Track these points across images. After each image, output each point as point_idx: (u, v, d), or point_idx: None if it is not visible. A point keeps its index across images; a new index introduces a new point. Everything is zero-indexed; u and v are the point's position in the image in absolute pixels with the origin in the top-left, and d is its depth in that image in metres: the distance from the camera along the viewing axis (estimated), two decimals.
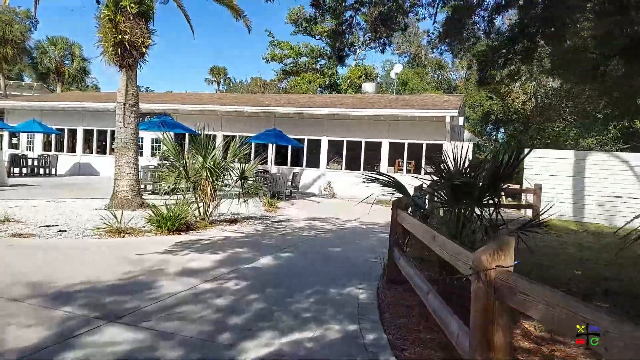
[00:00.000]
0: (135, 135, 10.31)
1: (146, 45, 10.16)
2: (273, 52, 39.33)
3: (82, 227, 7.62)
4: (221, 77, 63.32)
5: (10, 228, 7.11)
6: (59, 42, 33.60)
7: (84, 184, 16.28)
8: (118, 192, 10.03)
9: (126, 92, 10.19)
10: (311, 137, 18.36)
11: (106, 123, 21.41)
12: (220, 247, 6.69)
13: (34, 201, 10.59)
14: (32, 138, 22.47)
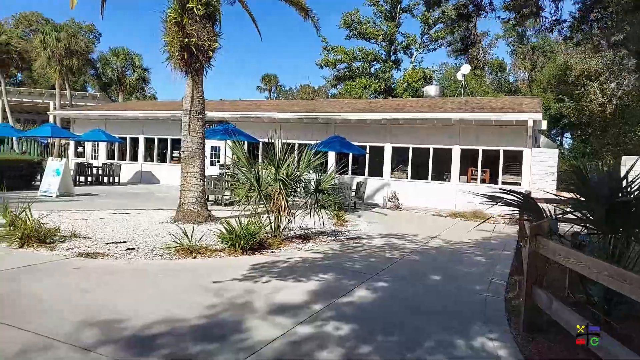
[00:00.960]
0: (202, 144, 9.79)
1: (213, 49, 9.63)
2: (327, 58, 38.75)
3: (151, 244, 7.06)
4: (272, 85, 63.91)
5: (77, 245, 6.65)
6: (120, 53, 34.78)
7: (146, 193, 16.19)
8: (184, 205, 9.52)
9: (192, 99, 9.70)
10: (373, 144, 17.36)
11: (166, 131, 21.53)
12: (302, 272, 5.84)
13: (100, 212, 10.32)
14: (96, 147, 23.01)
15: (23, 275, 4.88)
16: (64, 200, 12.55)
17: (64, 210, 10.36)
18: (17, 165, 14.48)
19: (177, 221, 9.35)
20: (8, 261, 5.45)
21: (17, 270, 5.04)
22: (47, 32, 28.54)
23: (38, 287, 4.51)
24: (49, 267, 5.28)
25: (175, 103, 26.21)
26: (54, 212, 9.79)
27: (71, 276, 5.03)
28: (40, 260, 5.56)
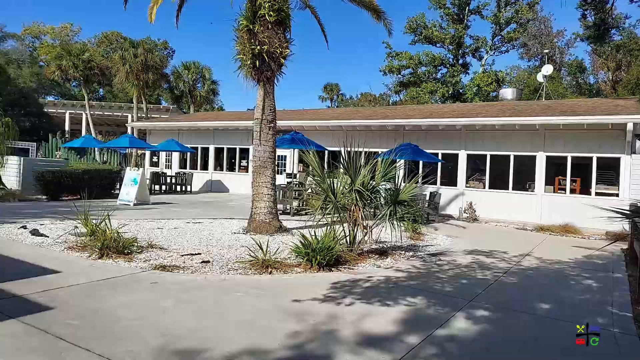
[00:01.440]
0: (273, 153, 9.56)
1: (284, 56, 9.39)
2: (391, 64, 37.94)
3: (225, 256, 6.83)
4: (334, 94, 63.99)
5: (154, 256, 6.56)
6: (191, 67, 36.34)
7: (217, 202, 16.40)
8: (256, 215, 9.31)
9: (263, 108, 9.51)
10: (446, 152, 16.37)
11: (235, 141, 21.91)
12: (387, 293, 5.27)
13: (174, 222, 10.42)
14: (170, 156, 23.96)
15: (101, 291, 4.76)
16: (141, 208, 12.94)
17: (141, 219, 10.58)
18: (99, 174, 15.23)
19: (248, 232, 9.15)
20: (88, 273, 5.40)
21: (96, 285, 4.94)
22: (126, 48, 30.45)
23: (115, 304, 4.33)
24: (127, 282, 5.15)
25: (242, 113, 26.74)
26: (132, 220, 10.01)
27: (149, 292, 4.83)
28: (118, 273, 5.46)
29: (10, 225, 8.66)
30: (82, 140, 20.69)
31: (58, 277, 5.11)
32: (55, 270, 5.36)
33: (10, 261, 5.81)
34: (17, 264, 5.71)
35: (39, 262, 5.78)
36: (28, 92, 36.50)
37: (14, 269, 5.42)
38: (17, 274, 5.09)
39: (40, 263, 5.71)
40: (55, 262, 5.82)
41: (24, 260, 5.82)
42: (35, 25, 52.16)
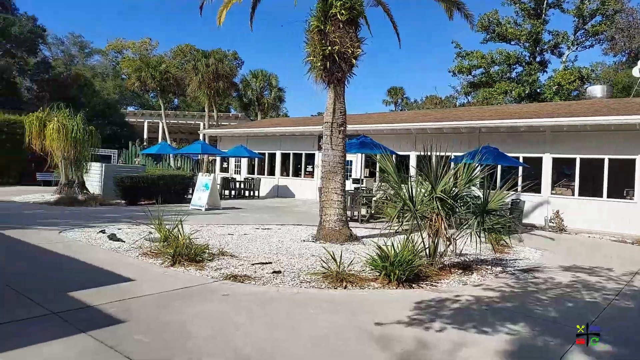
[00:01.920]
0: (343, 158, 9.14)
1: (356, 56, 8.97)
2: (460, 64, 36.25)
3: (296, 266, 6.49)
4: (398, 98, 62.73)
5: (225, 265, 6.37)
6: (259, 75, 37.19)
7: (284, 207, 16.31)
8: (325, 222, 8.93)
9: (333, 111, 9.13)
10: (528, 155, 15.02)
11: (301, 146, 21.86)
12: (481, 318, 4.59)
13: (244, 227, 10.34)
14: (239, 162, 24.47)
15: (173, 302, 4.56)
16: (212, 213, 13.09)
17: (212, 224, 10.63)
18: (173, 180, 15.73)
19: (318, 240, 8.79)
20: (160, 282, 5.27)
21: (167, 295, 4.77)
22: (198, 59, 31.79)
23: (187, 319, 4.09)
24: (199, 293, 4.94)
25: (308, 119, 26.71)
26: (203, 226, 10.05)
27: (221, 305, 4.57)
28: (189, 283, 5.29)
29: (91, 229, 8.99)
30: (158, 147, 21.68)
31: (131, 286, 5.02)
32: (129, 278, 5.29)
33: (88, 268, 5.87)
34: (94, 270, 5.74)
35: (114, 268, 5.78)
36: (111, 103, 39.34)
37: (91, 276, 5.43)
38: (93, 282, 5.07)
39: (116, 270, 5.70)
40: (130, 269, 5.78)
41: (101, 267, 5.85)
42: (118, 40, 56.33)
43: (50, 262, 6.10)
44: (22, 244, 7.10)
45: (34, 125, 14.92)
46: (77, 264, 6.04)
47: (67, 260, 6.20)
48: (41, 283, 4.99)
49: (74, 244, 7.40)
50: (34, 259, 6.20)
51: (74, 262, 6.14)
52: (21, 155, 20.88)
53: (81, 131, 15.20)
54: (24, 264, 5.89)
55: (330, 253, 6.02)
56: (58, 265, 6.00)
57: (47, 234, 8.13)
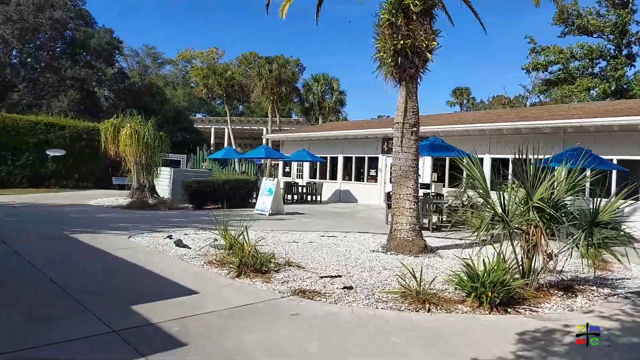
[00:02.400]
0: (416, 161, 8.40)
1: (430, 49, 8.21)
2: (535, 61, 33.76)
3: (368, 281, 5.87)
4: (464, 98, 60.10)
5: (292, 277, 5.90)
6: (320, 79, 37.09)
7: (347, 213, 15.75)
8: (397, 232, 8.22)
9: (405, 110, 8.42)
10: (623, 157, 13.30)
11: (363, 150, 21.22)
12: (606, 358, 3.70)
13: (308, 235, 9.89)
14: (301, 166, 24.30)
15: (237, 322, 4.13)
16: (276, 219, 12.83)
17: (276, 230, 10.30)
18: (238, 184, 15.73)
19: (389, 250, 8.10)
20: (224, 297, 4.89)
21: (232, 313, 4.35)
22: (262, 65, 32.25)
23: (253, 343, 3.62)
24: (265, 311, 4.48)
25: (371, 122, 25.98)
26: (267, 232, 9.74)
27: (290, 327, 4.07)
28: (255, 298, 4.85)
29: (158, 234, 8.97)
30: (224, 151, 22.04)
31: (195, 300, 4.67)
32: (193, 291, 4.97)
33: (151, 277, 5.66)
34: (158, 280, 5.50)
35: (179, 278, 5.51)
36: (181, 110, 41.08)
37: (156, 287, 5.18)
38: (156, 293, 4.80)
39: (180, 280, 5.41)
40: (194, 280, 5.48)
41: (164, 277, 5.60)
42: (187, 50, 59.05)
43: (117, 270, 5.97)
44: (91, 250, 7.11)
45: (109, 131, 15.58)
46: (142, 272, 5.86)
47: (134, 269, 6.05)
48: (105, 294, 4.79)
49: (141, 251, 7.32)
50: (101, 267, 6.11)
51: (140, 270, 5.97)
52: (99, 160, 22.09)
53: (152, 137, 15.66)
54: (91, 272, 5.79)
55: (410, 270, 5.33)
56: (124, 273, 5.85)
57: (116, 239, 8.17)
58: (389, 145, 20.31)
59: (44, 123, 21.29)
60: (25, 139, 20.49)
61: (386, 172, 20.22)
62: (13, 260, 6.13)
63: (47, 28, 26.96)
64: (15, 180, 20.12)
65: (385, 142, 20.34)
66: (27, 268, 5.73)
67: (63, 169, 21.48)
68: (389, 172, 20.14)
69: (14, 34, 24.84)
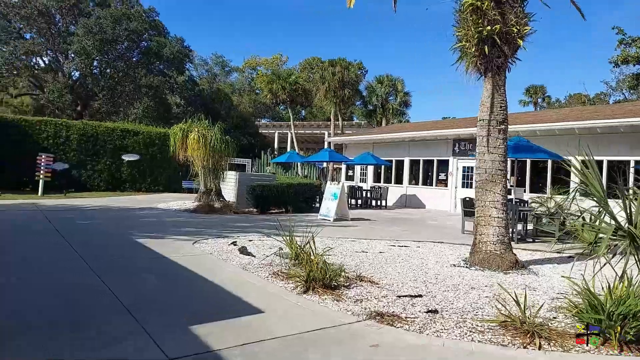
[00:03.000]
0: (504, 163, 7.37)
1: (522, 35, 7.17)
2: (625, 53, 30.38)
3: (455, 304, 5.02)
4: (538, 97, 56.16)
5: (365, 294, 5.20)
6: (384, 80, 36.06)
7: (416, 219, 14.77)
8: (481, 244, 7.24)
9: (491, 106, 7.42)
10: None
11: (432, 152, 20.05)
12: None
13: (377, 243, 9.15)
14: (364, 170, 23.55)
15: (306, 351, 3.51)
16: (341, 225, 12.21)
17: (342, 237, 9.67)
18: (302, 188, 15.33)
19: (472, 265, 7.15)
20: (292, 319, 4.30)
21: (300, 340, 3.74)
22: (325, 68, 31.93)
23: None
24: (339, 339, 3.82)
25: (440, 122, 24.57)
26: (333, 240, 9.15)
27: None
28: (326, 322, 4.21)
29: (223, 240, 8.68)
30: (287, 155, 21.87)
31: (260, 321, 4.13)
32: (257, 309, 4.44)
33: (214, 290, 5.22)
34: (221, 294, 5.05)
35: (242, 293, 5.02)
36: (246, 116, 41.95)
37: (216, 303, 4.73)
38: (218, 311, 4.33)
39: (244, 295, 4.92)
40: (258, 296, 4.97)
41: (228, 290, 5.14)
42: (253, 58, 60.53)
43: (178, 281, 5.62)
44: (155, 258, 6.89)
45: (178, 136, 15.85)
46: (205, 284, 5.45)
47: (196, 279, 5.67)
48: (163, 309, 4.40)
49: (205, 259, 6.99)
50: (163, 276, 5.80)
51: (202, 281, 5.58)
52: (170, 164, 22.87)
53: (218, 141, 15.70)
54: (152, 282, 5.48)
55: (512, 295, 4.44)
56: (186, 284, 5.48)
57: (181, 246, 7.95)
58: (461, 147, 19.01)
59: (120, 129, 22.38)
60: (103, 145, 21.63)
61: (457, 175, 18.92)
62: (76, 267, 6.01)
63: (124, 39, 28.54)
64: (94, 184, 21.27)
65: (457, 144, 19.07)
66: (88, 275, 5.54)
67: (137, 173, 22.43)
68: (460, 176, 18.83)
69: (94, 45, 26.51)
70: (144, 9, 31.30)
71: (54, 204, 14.55)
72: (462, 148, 18.80)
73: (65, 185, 19.68)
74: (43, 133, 20.39)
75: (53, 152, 20.02)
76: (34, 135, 20.20)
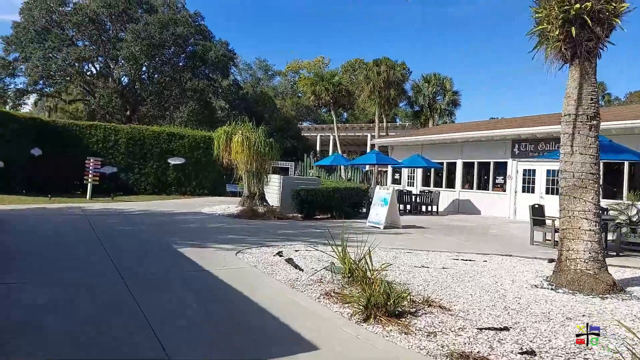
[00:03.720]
0: (596, 166, 6.21)
1: (618, 13, 6.03)
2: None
3: (554, 342, 4.01)
4: (599, 94, 52.46)
5: (437, 324, 4.30)
6: (432, 79, 34.64)
7: (474, 228, 13.56)
8: (569, 261, 6.12)
9: (579, 97, 6.30)
10: None
11: (488, 154, 18.65)
12: None
13: (437, 256, 8.18)
14: (412, 173, 22.40)
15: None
16: (392, 233, 11.28)
17: (396, 248, 8.76)
18: (348, 193, 14.52)
19: (559, 286, 6.04)
20: (353, 358, 3.48)
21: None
22: (370, 67, 31.00)
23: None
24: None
25: (497, 122, 22.84)
26: (386, 251, 8.29)
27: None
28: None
29: (267, 249, 8.01)
30: (332, 158, 21.13)
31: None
32: (310, 343, 3.66)
33: (257, 313, 4.50)
34: (265, 318, 4.32)
35: (290, 318, 4.27)
36: (289, 119, 41.69)
37: (259, 331, 4.00)
38: (262, 343, 3.60)
39: (292, 321, 4.17)
40: (310, 323, 4.20)
41: (273, 314, 4.41)
42: (295, 61, 60.55)
43: (217, 299, 4.96)
44: (194, 270, 6.29)
45: (222, 138, 15.49)
46: (248, 305, 4.75)
47: (237, 298, 5.00)
48: (196, 336, 3.72)
49: (248, 272, 6.32)
50: (200, 292, 5.17)
51: (244, 300, 4.89)
52: (214, 167, 22.74)
53: (262, 144, 15.19)
54: (187, 299, 4.85)
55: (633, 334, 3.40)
56: (224, 303, 4.81)
57: (223, 256, 7.34)
58: (521, 148, 17.51)
59: (166, 133, 22.47)
60: (150, 148, 21.77)
61: (517, 179, 17.43)
62: (110, 276, 5.48)
63: (171, 44, 28.92)
64: (141, 187, 21.42)
65: (516, 145, 17.59)
66: (120, 288, 4.98)
67: (182, 177, 22.42)
68: (520, 180, 17.35)
69: (142, 50, 26.97)
70: (190, 14, 31.66)
71: (100, 208, 14.54)
72: (523, 149, 17.30)
73: (113, 188, 19.91)
74: (93, 137, 20.76)
75: (102, 155, 20.32)
76: (85, 139, 20.60)
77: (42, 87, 28.91)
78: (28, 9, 28.52)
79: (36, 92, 29.65)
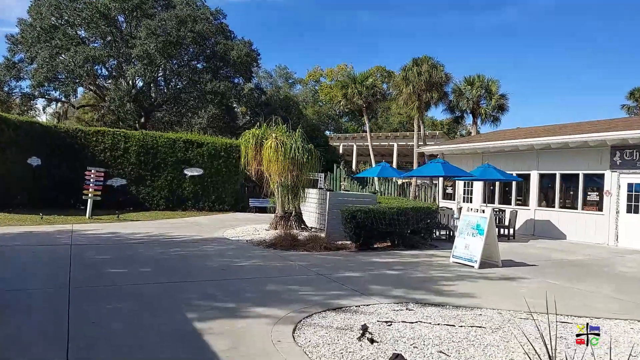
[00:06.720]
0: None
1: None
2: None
3: None
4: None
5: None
6: (475, 82, 31.08)
7: (590, 264, 9.88)
8: None
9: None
10: None
11: (576, 164, 15.06)
12: None
13: (610, 329, 4.70)
14: (469, 187, 18.85)
15: None
16: (496, 277, 7.84)
17: (520, 310, 5.22)
18: (416, 214, 11.10)
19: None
20: None
21: None
22: (409, 68, 27.65)
23: None
24: None
25: (587, 124, 18.77)
26: (510, 314, 4.80)
27: None
28: None
29: (338, 317, 4.69)
30: (379, 168, 17.73)
31: None
32: None
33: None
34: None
35: None
36: (317, 125, 38.63)
37: None
38: None
39: None
40: None
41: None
42: (316, 69, 57.78)
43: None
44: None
45: (250, 143, 12.37)
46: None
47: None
48: None
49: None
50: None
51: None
52: (236, 179, 19.74)
53: (300, 150, 12.00)
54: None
55: None
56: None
57: (271, 342, 4.06)
58: (625, 157, 13.85)
59: (182, 140, 19.53)
60: (164, 158, 18.84)
61: (620, 196, 13.79)
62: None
63: (189, 42, 26.14)
64: (153, 202, 18.44)
65: (617, 152, 13.94)
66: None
67: (200, 190, 19.38)
68: (624, 197, 13.70)
69: (157, 48, 24.19)
70: (211, 11, 28.93)
71: (97, 231, 11.51)
72: (627, 158, 13.66)
73: (121, 203, 17.00)
74: (100, 145, 17.93)
75: (110, 166, 17.46)
76: (91, 147, 17.80)
77: (48, 89, 26.37)
78: (37, 6, 26.20)
79: (42, 95, 27.13)
